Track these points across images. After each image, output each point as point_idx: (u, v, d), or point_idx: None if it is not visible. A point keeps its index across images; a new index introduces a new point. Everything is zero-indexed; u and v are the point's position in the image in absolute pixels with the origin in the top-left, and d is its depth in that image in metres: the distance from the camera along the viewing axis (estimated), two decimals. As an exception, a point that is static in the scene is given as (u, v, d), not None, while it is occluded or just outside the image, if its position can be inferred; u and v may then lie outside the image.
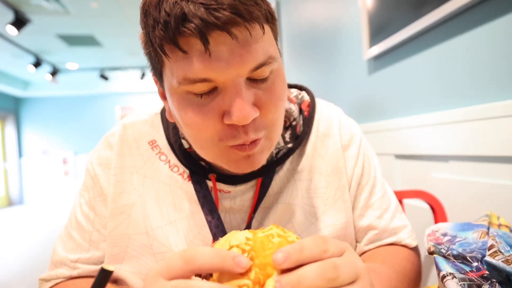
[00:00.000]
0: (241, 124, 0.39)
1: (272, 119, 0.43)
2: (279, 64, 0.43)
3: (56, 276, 0.54)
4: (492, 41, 0.77)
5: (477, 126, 0.79)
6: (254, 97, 0.40)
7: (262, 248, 0.28)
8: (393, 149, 1.17)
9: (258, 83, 0.40)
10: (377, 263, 0.51)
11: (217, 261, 0.27)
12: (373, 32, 1.25)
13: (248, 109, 0.38)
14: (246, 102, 0.38)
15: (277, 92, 0.42)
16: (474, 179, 0.82)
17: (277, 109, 0.42)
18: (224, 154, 0.43)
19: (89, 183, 0.56)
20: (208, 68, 0.36)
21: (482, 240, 0.48)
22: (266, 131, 0.43)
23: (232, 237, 0.30)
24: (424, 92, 1.03)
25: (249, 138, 0.40)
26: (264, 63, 0.39)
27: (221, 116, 0.40)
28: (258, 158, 0.44)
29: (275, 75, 0.42)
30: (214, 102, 0.40)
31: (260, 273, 0.27)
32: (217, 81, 0.38)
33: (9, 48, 5.03)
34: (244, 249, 0.29)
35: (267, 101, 0.41)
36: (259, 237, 0.30)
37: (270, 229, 0.31)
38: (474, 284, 0.42)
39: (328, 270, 0.28)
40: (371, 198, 0.58)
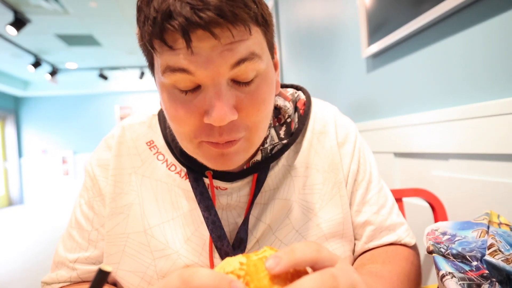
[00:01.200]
0: (217, 124, 0.39)
1: (253, 122, 0.43)
2: (266, 68, 0.43)
3: (57, 279, 0.55)
4: (489, 39, 0.77)
5: (476, 124, 0.79)
6: (236, 99, 0.41)
7: (256, 272, 0.29)
8: (392, 148, 1.16)
9: (241, 86, 0.41)
10: (378, 266, 0.51)
11: (213, 284, 0.27)
12: (372, 30, 1.25)
13: (225, 111, 0.39)
14: (224, 104, 0.39)
15: (260, 96, 0.42)
16: (474, 177, 0.82)
17: (259, 113, 0.43)
18: (199, 148, 0.44)
19: (89, 183, 0.58)
20: (188, 61, 0.38)
21: (482, 239, 0.48)
22: (247, 133, 0.44)
23: (226, 264, 0.31)
24: (423, 90, 1.02)
25: (223, 139, 0.42)
26: (245, 59, 0.39)
27: (202, 114, 0.41)
28: (233, 158, 0.44)
29: (260, 79, 0.42)
30: (196, 100, 0.41)
31: None
32: (196, 76, 0.39)
33: (9, 48, 5.04)
34: (239, 275, 0.29)
35: (248, 105, 0.41)
36: (252, 261, 0.30)
37: (263, 251, 0.31)
38: (474, 283, 0.42)
39: (327, 280, 0.27)
40: (367, 194, 0.59)
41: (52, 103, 7.46)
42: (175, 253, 0.52)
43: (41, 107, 7.44)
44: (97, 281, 0.27)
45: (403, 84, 1.12)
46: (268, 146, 0.53)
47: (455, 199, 0.89)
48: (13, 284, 2.69)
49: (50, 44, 5.09)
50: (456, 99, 0.89)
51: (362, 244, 0.58)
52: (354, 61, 1.46)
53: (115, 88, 7.49)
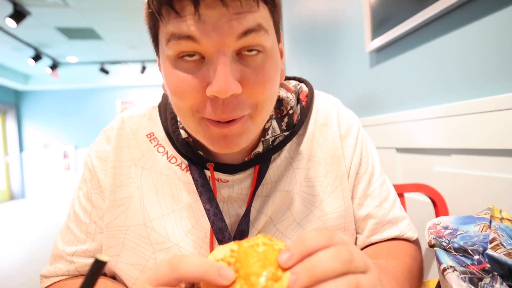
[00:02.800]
0: (220, 96, 0.38)
1: (259, 100, 0.42)
2: (272, 47, 0.42)
3: (55, 272, 0.55)
4: (500, 31, 0.76)
5: (479, 119, 0.79)
6: (241, 74, 0.40)
7: (245, 259, 0.28)
8: (394, 143, 1.16)
9: (247, 60, 0.40)
10: (382, 261, 0.51)
11: (201, 270, 0.27)
12: (376, 24, 1.24)
13: (229, 82, 0.37)
14: (228, 75, 0.38)
15: (266, 73, 0.41)
16: (477, 173, 0.82)
17: (264, 90, 0.42)
18: (201, 127, 0.43)
19: (87, 176, 0.57)
20: (195, 27, 0.37)
21: (483, 233, 0.48)
22: (252, 111, 0.42)
23: (218, 251, 0.30)
24: (426, 85, 1.02)
25: (226, 116, 0.40)
26: (252, 29, 0.38)
27: (204, 87, 0.39)
28: (235, 139, 0.43)
29: (266, 56, 0.42)
30: (199, 72, 0.40)
31: (245, 284, 0.27)
32: (201, 44, 0.38)
33: (9, 41, 5.02)
34: (230, 262, 0.28)
35: (253, 80, 0.40)
36: (243, 248, 0.29)
37: (256, 239, 0.31)
38: (475, 277, 0.42)
39: (343, 252, 0.27)
40: (369, 188, 0.59)
41: (53, 97, 7.44)
42: (175, 246, 0.52)
43: (42, 101, 7.43)
44: (93, 271, 0.27)
45: (406, 79, 1.12)
46: (269, 137, 0.53)
47: (456, 194, 0.89)
48: (14, 278, 2.71)
49: (50, 37, 5.06)
50: (459, 94, 0.88)
51: (364, 238, 0.58)
52: (357, 56, 1.46)
53: (116, 83, 7.46)
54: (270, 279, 0.26)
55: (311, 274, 0.26)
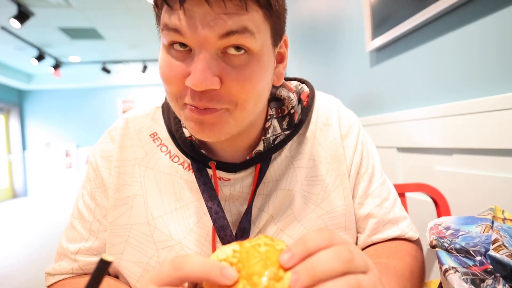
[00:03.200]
0: (194, 88, 0.40)
1: (239, 99, 0.43)
2: (260, 51, 0.43)
3: (59, 270, 0.56)
4: (500, 31, 0.75)
5: (481, 119, 0.78)
6: (221, 70, 0.41)
7: (247, 259, 0.28)
8: (395, 142, 1.15)
9: (230, 58, 0.41)
10: (382, 262, 0.50)
11: (204, 270, 0.27)
12: (376, 23, 1.23)
13: (204, 76, 0.39)
14: (206, 69, 0.39)
15: (247, 74, 0.42)
16: (479, 172, 0.81)
17: (243, 90, 0.42)
18: (183, 110, 0.45)
19: (91, 174, 0.58)
20: (183, 22, 0.39)
21: (486, 234, 0.47)
22: (231, 107, 0.43)
23: (220, 252, 0.30)
24: (427, 84, 1.01)
25: (202, 104, 0.42)
26: (235, 31, 0.39)
27: (186, 76, 0.42)
28: (211, 128, 0.44)
29: (252, 58, 0.42)
30: (184, 62, 0.42)
31: (247, 284, 0.27)
32: (186, 38, 0.40)
33: (13, 41, 5.04)
34: (232, 262, 0.29)
35: (233, 78, 0.41)
36: (245, 248, 0.30)
37: (258, 239, 0.31)
38: (477, 278, 0.41)
39: (344, 252, 0.27)
40: (370, 187, 0.59)
41: (55, 96, 7.47)
42: (178, 244, 0.52)
43: (44, 100, 7.46)
44: (99, 271, 0.27)
45: (407, 79, 1.11)
46: (270, 136, 0.54)
47: (458, 194, 0.88)
48: (17, 276, 2.72)
49: (53, 37, 5.09)
50: (461, 94, 0.88)
51: (365, 237, 0.58)
52: (358, 55, 1.45)
53: (117, 82, 7.48)
54: (272, 279, 0.27)
55: (312, 274, 0.26)
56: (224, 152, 0.54)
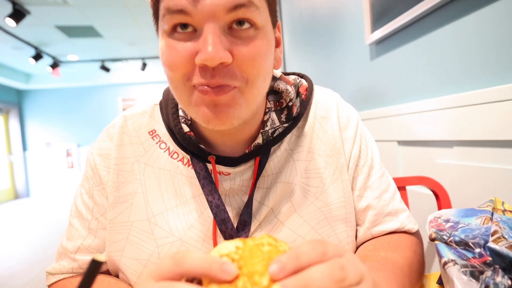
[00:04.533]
0: (208, 63, 0.39)
1: (249, 75, 0.43)
2: (264, 26, 0.44)
3: (59, 270, 0.56)
4: (500, 21, 0.75)
5: (482, 111, 0.78)
6: (231, 44, 0.41)
7: (250, 257, 0.28)
8: (396, 136, 1.15)
9: (237, 32, 0.42)
10: (381, 257, 0.50)
11: (204, 265, 0.27)
12: (375, 16, 1.22)
13: (218, 48, 0.39)
14: (217, 43, 0.39)
15: (256, 47, 0.42)
16: (480, 164, 0.81)
17: (254, 63, 0.42)
18: (192, 96, 0.44)
19: (89, 173, 0.58)
20: (186, 1, 0.39)
21: (485, 226, 0.47)
22: (242, 85, 0.43)
23: (222, 247, 0.30)
24: (428, 76, 1.01)
25: (215, 81, 0.41)
26: (242, 4, 0.40)
27: (194, 56, 0.41)
28: (226, 111, 0.43)
29: (257, 32, 0.43)
30: (190, 42, 0.41)
31: (248, 282, 0.27)
32: (193, 16, 0.40)
33: (10, 40, 5.01)
34: (234, 258, 0.28)
35: (244, 52, 0.41)
36: (248, 246, 0.30)
37: (261, 238, 0.31)
38: (476, 270, 0.41)
39: (336, 271, 0.27)
40: (369, 180, 0.59)
41: (54, 95, 7.45)
42: (178, 240, 0.52)
43: (44, 100, 7.44)
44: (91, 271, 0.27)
45: (407, 71, 1.11)
46: (269, 129, 0.54)
47: (459, 186, 0.88)
48: (19, 276, 2.74)
49: (50, 36, 5.06)
50: (461, 86, 0.87)
51: (364, 230, 0.58)
52: (358, 48, 1.44)
53: (117, 80, 7.46)
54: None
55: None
56: (225, 145, 0.55)
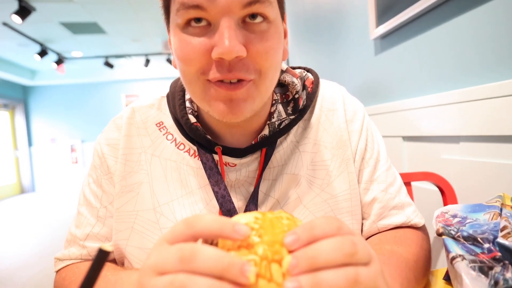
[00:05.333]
0: (225, 57, 0.40)
1: (263, 66, 0.44)
2: (275, 19, 0.45)
3: (68, 256, 0.57)
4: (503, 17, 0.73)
5: (489, 105, 0.76)
6: (246, 38, 0.42)
7: (271, 227, 0.28)
8: (401, 131, 1.14)
9: (251, 26, 0.42)
10: (387, 250, 0.50)
11: (216, 226, 0.27)
12: (380, 10, 1.21)
13: (234, 43, 0.40)
14: (234, 37, 0.40)
15: (270, 40, 0.43)
16: (487, 160, 0.80)
17: (268, 56, 0.43)
18: (207, 91, 0.45)
19: (97, 162, 0.59)
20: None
21: (494, 222, 0.46)
22: (256, 77, 0.44)
23: (242, 216, 0.30)
24: (433, 71, 0.99)
25: (232, 75, 0.42)
26: (257, 0, 0.41)
27: (210, 50, 0.42)
28: (241, 105, 0.44)
29: (269, 25, 0.44)
30: (205, 37, 0.42)
31: (268, 250, 0.27)
32: (208, 11, 0.40)
33: (16, 37, 5.05)
34: (253, 227, 0.28)
35: (258, 45, 0.42)
36: (268, 217, 0.30)
37: (279, 212, 0.31)
38: (485, 266, 0.41)
39: (347, 245, 0.27)
40: (375, 173, 0.59)
41: (59, 92, 7.50)
42: None
43: (49, 96, 7.49)
44: (98, 261, 0.27)
45: (412, 66, 1.09)
46: (275, 121, 0.54)
47: (465, 182, 0.87)
48: (25, 271, 2.76)
49: (55, 33, 5.08)
50: (468, 80, 0.86)
51: (370, 223, 0.58)
52: (362, 43, 1.43)
53: (120, 76, 7.48)
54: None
55: (312, 262, 0.26)
56: (231, 137, 0.55)
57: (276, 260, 0.26)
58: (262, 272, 0.26)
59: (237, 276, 0.25)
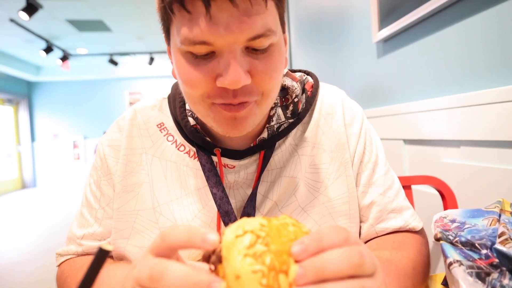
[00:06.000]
0: (231, 87, 0.41)
1: (266, 89, 0.45)
2: (279, 39, 0.45)
3: (67, 252, 0.60)
4: (508, 20, 0.73)
5: (490, 110, 0.76)
6: (250, 65, 0.42)
7: (278, 235, 0.28)
8: (402, 134, 1.14)
9: (255, 53, 0.43)
10: (385, 258, 0.50)
11: (185, 237, 0.28)
12: (383, 14, 1.20)
13: (240, 75, 0.40)
14: (239, 68, 0.40)
15: (273, 63, 0.44)
16: (487, 165, 0.79)
17: (271, 80, 0.44)
18: (211, 111, 0.46)
19: (98, 163, 0.60)
20: (208, 31, 0.39)
21: (492, 227, 0.46)
22: (259, 98, 0.45)
23: (246, 223, 0.29)
24: (435, 75, 0.99)
25: (237, 100, 0.43)
26: (262, 35, 0.41)
27: (214, 78, 0.42)
28: (244, 122, 0.45)
29: (273, 48, 0.44)
30: (210, 64, 0.42)
31: (276, 260, 0.26)
32: (215, 45, 0.40)
33: (22, 33, 5.08)
34: (259, 235, 0.27)
35: (262, 71, 0.43)
36: (274, 225, 0.29)
37: (284, 218, 0.30)
38: (483, 272, 0.40)
39: (354, 255, 0.27)
40: (373, 176, 0.59)
41: (63, 88, 7.53)
42: None
43: (52, 92, 7.53)
44: (98, 259, 0.28)
45: (414, 70, 1.09)
46: (274, 124, 0.55)
47: (466, 186, 0.86)
48: (26, 266, 2.77)
49: (61, 30, 5.11)
50: (470, 85, 0.86)
51: (368, 226, 0.57)
52: (365, 46, 1.42)
53: (124, 74, 7.51)
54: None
55: (319, 273, 0.25)
56: (230, 140, 0.55)
57: (284, 271, 0.26)
58: (270, 283, 0.25)
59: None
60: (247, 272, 0.25)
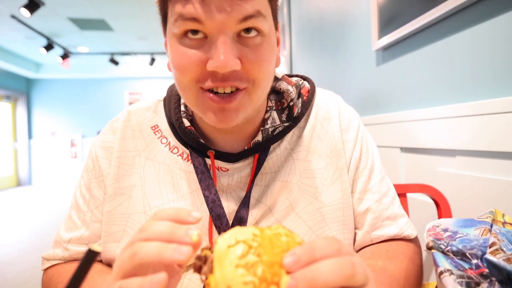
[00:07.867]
0: (220, 70, 0.42)
1: (256, 77, 0.45)
2: (269, 32, 0.46)
3: (53, 256, 0.58)
4: (509, 32, 0.74)
5: (485, 121, 0.77)
6: (240, 52, 0.44)
7: (271, 246, 0.28)
8: (399, 142, 1.14)
9: (246, 41, 0.44)
10: (379, 267, 0.50)
11: (156, 252, 0.29)
12: (383, 22, 1.22)
13: (229, 57, 0.41)
14: (229, 52, 0.42)
15: (263, 53, 0.45)
16: (481, 175, 0.80)
17: (261, 68, 0.45)
18: (200, 99, 0.46)
19: (90, 165, 0.59)
20: (200, 9, 0.41)
21: (483, 237, 0.46)
22: (250, 86, 0.46)
23: (239, 232, 0.29)
24: (433, 84, 1.00)
25: (226, 84, 0.44)
26: (252, 16, 0.42)
27: (205, 62, 0.43)
28: (232, 114, 0.46)
29: (263, 38, 0.45)
30: (201, 49, 0.44)
31: (267, 271, 0.26)
32: (206, 25, 0.42)
33: (23, 30, 5.08)
34: (251, 245, 0.28)
35: (251, 58, 0.44)
36: (267, 235, 0.29)
37: (277, 228, 0.30)
38: (473, 281, 0.41)
39: (346, 267, 0.27)
40: (369, 183, 0.59)
41: (62, 86, 7.52)
42: None
43: (51, 90, 7.51)
44: (86, 260, 0.28)
45: (413, 78, 1.10)
46: (269, 127, 0.54)
47: (460, 196, 0.87)
48: (19, 263, 2.76)
49: (62, 27, 5.11)
50: (466, 95, 0.86)
51: (363, 233, 0.57)
52: (364, 54, 1.43)
53: (125, 74, 7.51)
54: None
55: (310, 284, 0.25)
56: (225, 142, 0.55)
57: (275, 282, 0.26)
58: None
59: (182, 236, 0.29)
60: (238, 283, 0.25)
